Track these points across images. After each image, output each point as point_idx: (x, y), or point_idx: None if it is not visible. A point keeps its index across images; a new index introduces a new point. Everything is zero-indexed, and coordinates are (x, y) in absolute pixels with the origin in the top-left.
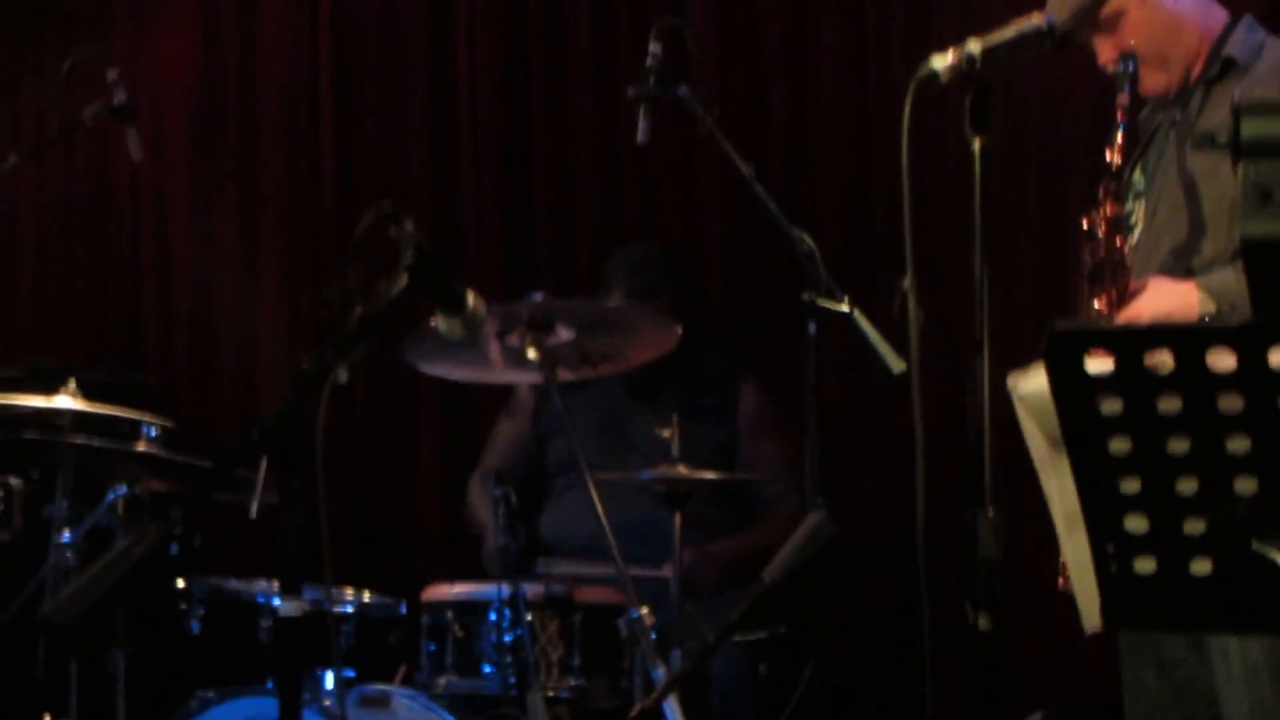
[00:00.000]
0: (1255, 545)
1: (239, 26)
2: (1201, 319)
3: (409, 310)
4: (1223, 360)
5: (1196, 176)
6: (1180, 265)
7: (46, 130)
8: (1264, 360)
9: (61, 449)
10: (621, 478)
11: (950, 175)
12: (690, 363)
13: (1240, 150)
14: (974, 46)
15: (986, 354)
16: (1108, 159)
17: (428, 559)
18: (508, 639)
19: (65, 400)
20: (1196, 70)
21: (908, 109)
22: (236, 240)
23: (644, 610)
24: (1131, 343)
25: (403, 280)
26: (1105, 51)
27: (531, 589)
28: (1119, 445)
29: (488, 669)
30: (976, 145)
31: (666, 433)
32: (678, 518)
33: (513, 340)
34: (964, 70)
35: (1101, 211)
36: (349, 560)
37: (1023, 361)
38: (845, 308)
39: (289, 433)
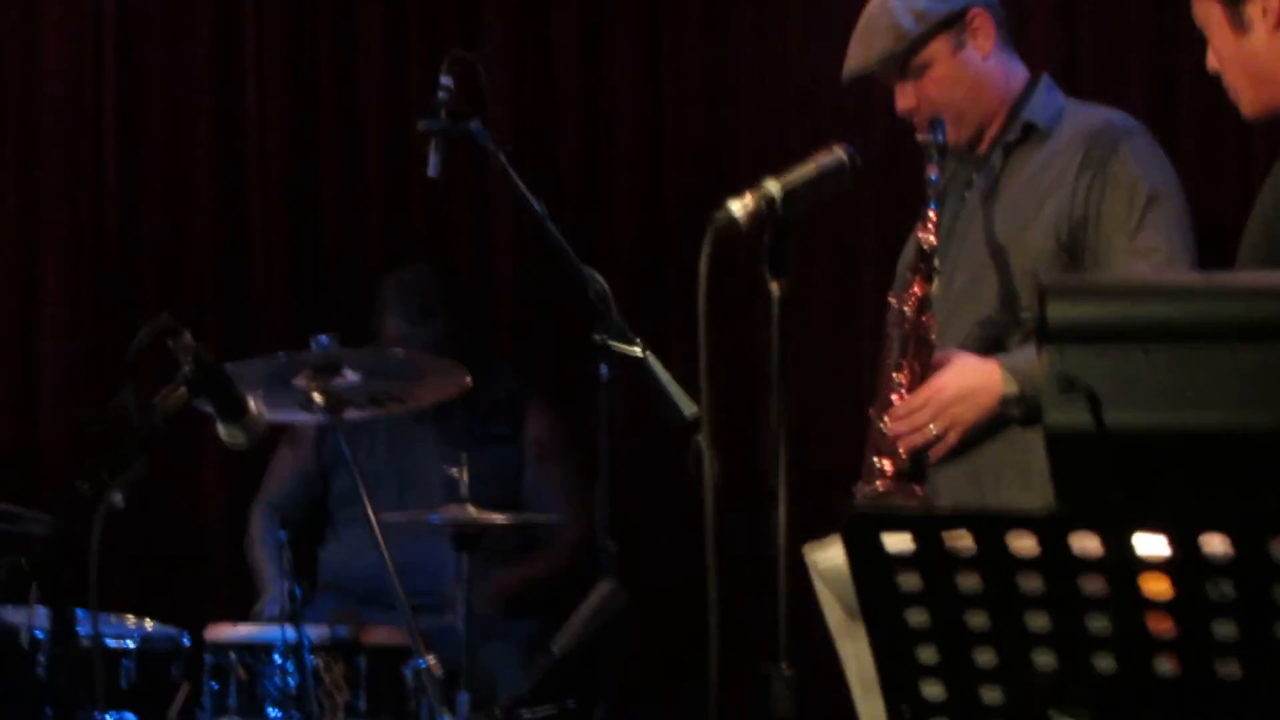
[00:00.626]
0: (1052, 715)
1: (20, 37)
2: (1007, 400)
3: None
4: (1023, 543)
5: (1004, 244)
6: (988, 336)
7: None
8: (1065, 544)
9: None
10: (409, 518)
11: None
12: (477, 391)
13: (1045, 335)
14: (773, 188)
15: (783, 504)
16: (919, 236)
17: (211, 591)
18: (292, 682)
19: None
20: (993, 130)
21: (705, 255)
22: (16, 250)
23: (430, 659)
24: (931, 526)
25: (181, 393)
26: (904, 99)
27: (316, 631)
28: (917, 618)
29: (272, 712)
30: (775, 289)
31: (455, 472)
32: (465, 560)
33: (299, 382)
34: (764, 214)
35: (911, 291)
36: (130, 589)
37: (817, 496)
38: (638, 350)
39: (61, 558)
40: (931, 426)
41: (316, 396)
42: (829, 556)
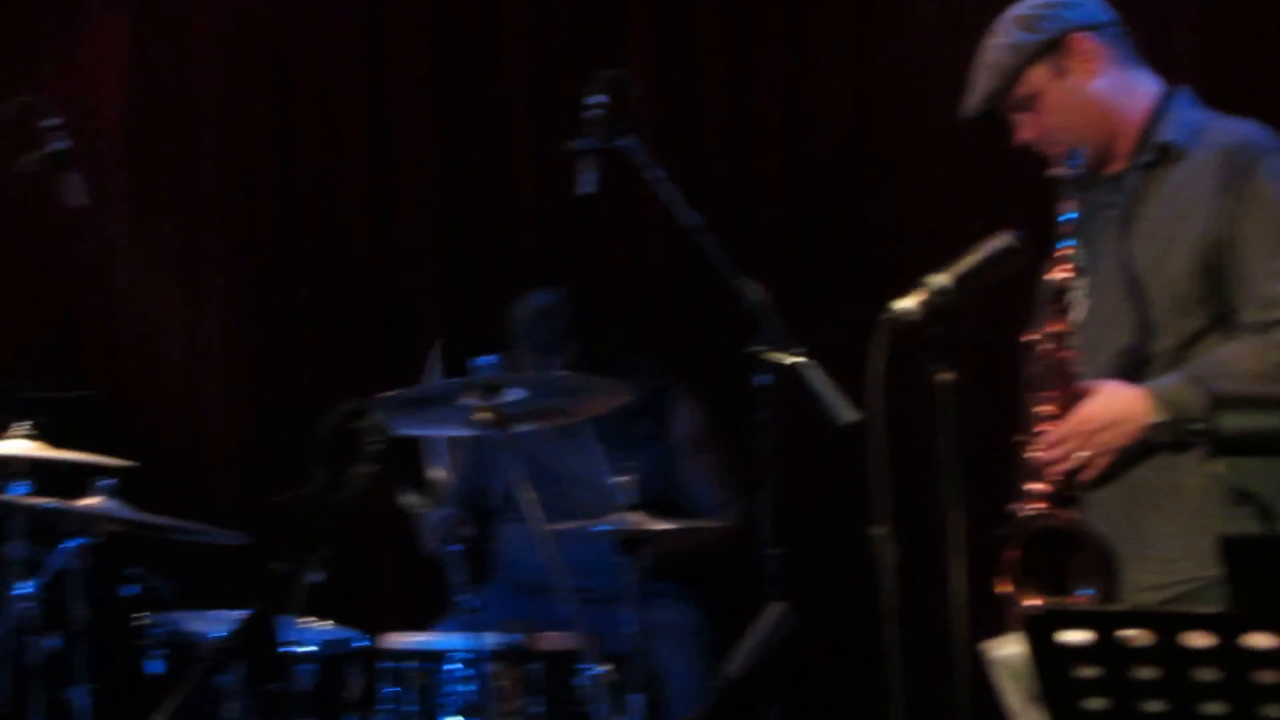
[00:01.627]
0: None
1: (170, 43)
2: (1157, 428)
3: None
4: (1199, 640)
5: (1145, 268)
6: (1133, 361)
7: None
8: (1239, 642)
9: (14, 507)
10: (577, 526)
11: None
12: None
13: (1219, 446)
14: (944, 278)
15: (958, 583)
16: (1052, 275)
17: (382, 598)
18: (467, 689)
19: (18, 445)
20: (1123, 149)
21: (878, 353)
22: (178, 268)
23: (604, 666)
24: (1108, 622)
25: (370, 471)
26: (1024, 130)
27: (491, 638)
28: (1096, 703)
29: (448, 718)
30: (945, 380)
31: (620, 480)
32: (632, 564)
33: (465, 400)
34: (937, 303)
35: (1047, 330)
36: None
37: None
38: (796, 358)
39: (265, 636)
40: (1080, 454)
41: (482, 414)
42: (1007, 649)
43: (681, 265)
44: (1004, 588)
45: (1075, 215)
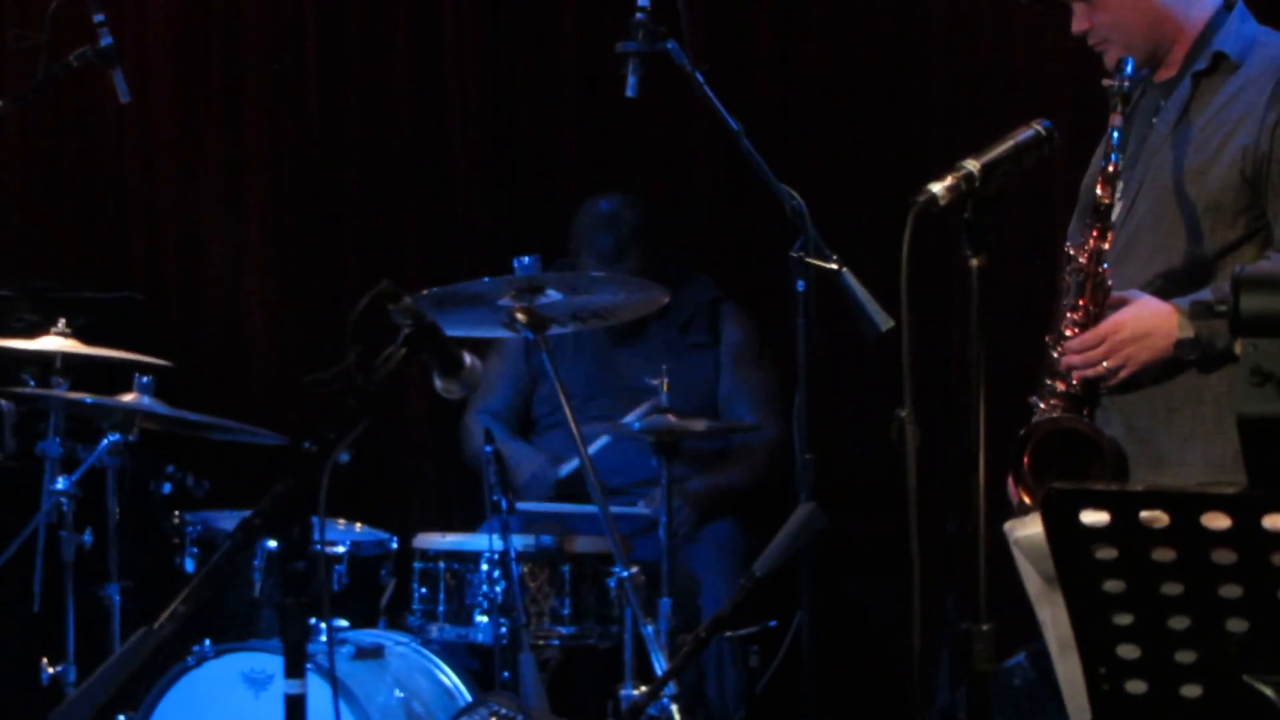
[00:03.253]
0: (1245, 677)
1: None
2: (1182, 344)
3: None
4: (1217, 521)
5: (1188, 175)
6: (1170, 268)
7: (31, 74)
8: (1258, 523)
9: (53, 399)
10: (612, 429)
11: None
12: (675, 302)
13: (1239, 326)
14: (972, 165)
15: (982, 468)
16: (1097, 193)
17: (417, 502)
18: (498, 590)
19: (57, 342)
20: (1176, 57)
21: (908, 235)
22: (222, 171)
23: (634, 569)
24: (1127, 502)
25: (401, 354)
26: (1078, 21)
27: (522, 540)
28: (1113, 586)
29: (480, 618)
30: (975, 264)
31: (656, 381)
32: (666, 467)
33: (503, 301)
34: (963, 190)
35: (1087, 246)
36: (337, 500)
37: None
38: (834, 265)
39: (291, 514)
40: (1105, 363)
41: (520, 315)
42: (1027, 530)
43: (724, 171)
44: (1019, 494)
45: (1118, 137)
